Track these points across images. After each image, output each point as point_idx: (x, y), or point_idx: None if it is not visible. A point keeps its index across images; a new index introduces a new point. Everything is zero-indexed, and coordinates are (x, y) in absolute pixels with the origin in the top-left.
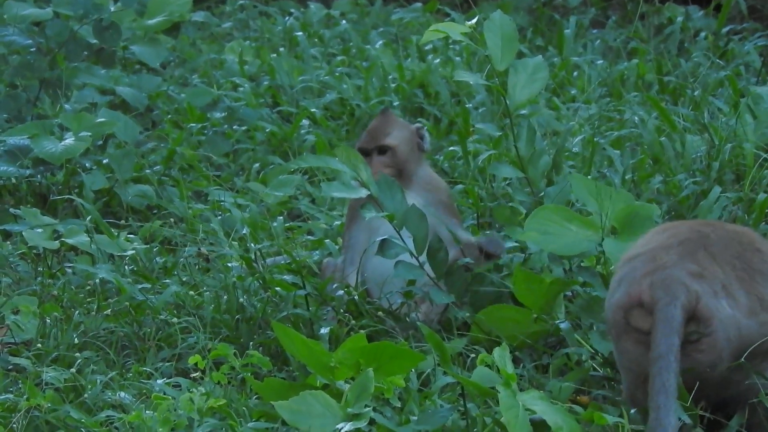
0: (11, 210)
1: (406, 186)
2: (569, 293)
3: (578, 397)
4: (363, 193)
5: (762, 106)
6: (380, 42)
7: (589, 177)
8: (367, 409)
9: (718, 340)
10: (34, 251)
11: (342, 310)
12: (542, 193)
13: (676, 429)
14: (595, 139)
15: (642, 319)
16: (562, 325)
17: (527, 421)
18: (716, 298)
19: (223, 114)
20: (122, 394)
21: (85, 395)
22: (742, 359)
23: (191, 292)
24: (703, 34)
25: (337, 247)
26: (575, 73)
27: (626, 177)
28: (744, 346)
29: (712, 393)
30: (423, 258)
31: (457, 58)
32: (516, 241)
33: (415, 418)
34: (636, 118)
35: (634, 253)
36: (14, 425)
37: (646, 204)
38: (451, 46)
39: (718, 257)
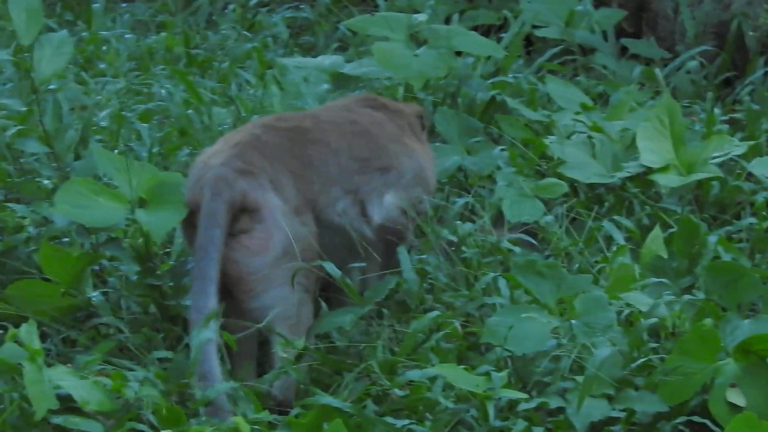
0: None
1: None
2: (97, 267)
3: (101, 372)
4: None
5: (288, 77)
6: None
7: (116, 150)
8: None
9: (269, 227)
10: None
11: None
12: (69, 168)
13: (212, 311)
14: (123, 113)
15: None
16: (95, 298)
17: (53, 396)
18: (264, 191)
19: None
20: None
21: None
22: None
23: None
24: (231, 6)
25: None
26: (104, 47)
27: (153, 150)
28: (288, 247)
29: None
30: None
31: None
32: (43, 216)
33: None
34: (163, 91)
35: (196, 161)
36: None
37: (172, 173)
38: None
39: (269, 155)
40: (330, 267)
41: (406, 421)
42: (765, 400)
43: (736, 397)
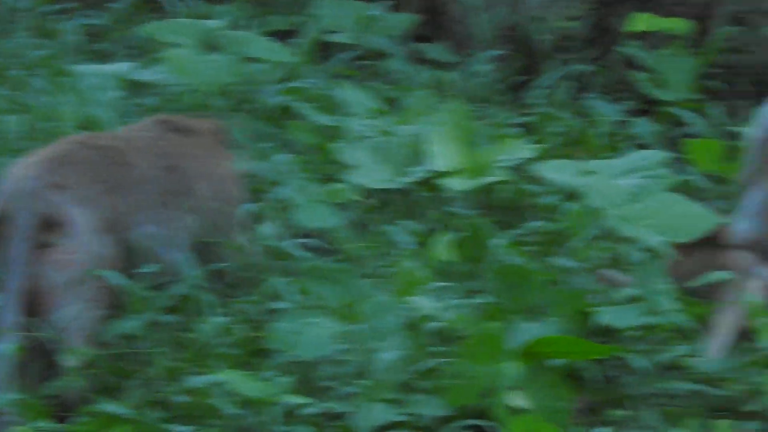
0: None
1: None
2: None
3: None
4: None
5: (82, 84)
6: None
7: None
8: None
9: (76, 243)
10: None
11: None
12: None
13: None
14: None
15: None
16: None
17: None
18: (73, 206)
19: None
20: None
21: None
22: None
23: None
24: (26, 13)
25: None
26: None
27: None
28: (92, 264)
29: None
30: None
31: None
32: None
33: None
34: None
35: (8, 173)
36: None
37: None
38: None
39: (81, 172)
40: (114, 276)
41: (191, 428)
42: (548, 402)
43: (519, 400)
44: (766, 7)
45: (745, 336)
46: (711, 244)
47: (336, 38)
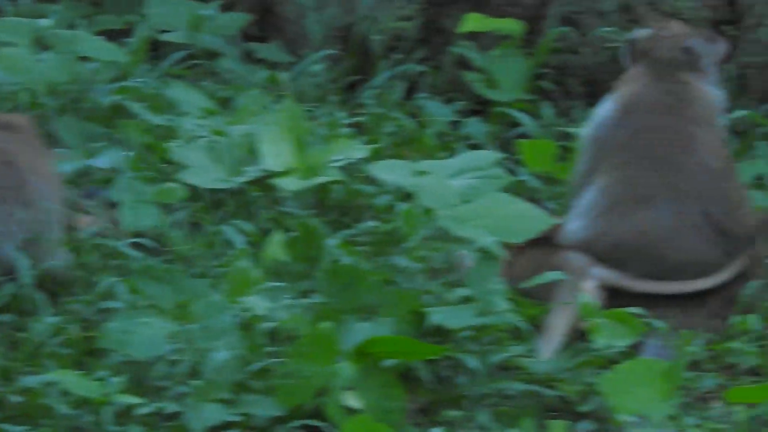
0: None
1: None
2: None
3: None
4: None
5: None
6: None
7: None
8: None
9: None
10: None
11: None
12: None
13: None
14: None
15: None
16: None
17: None
18: None
19: None
20: None
21: None
22: None
23: None
24: None
25: None
26: None
27: None
28: None
29: None
30: None
31: None
32: None
33: None
34: None
35: None
36: None
37: None
38: None
39: None
40: None
41: (24, 428)
42: (380, 402)
43: (352, 400)
44: (598, 8)
45: (578, 337)
46: (544, 244)
47: (168, 37)
